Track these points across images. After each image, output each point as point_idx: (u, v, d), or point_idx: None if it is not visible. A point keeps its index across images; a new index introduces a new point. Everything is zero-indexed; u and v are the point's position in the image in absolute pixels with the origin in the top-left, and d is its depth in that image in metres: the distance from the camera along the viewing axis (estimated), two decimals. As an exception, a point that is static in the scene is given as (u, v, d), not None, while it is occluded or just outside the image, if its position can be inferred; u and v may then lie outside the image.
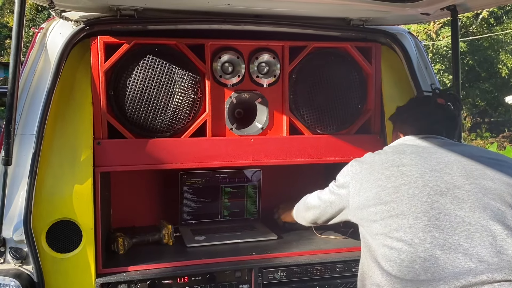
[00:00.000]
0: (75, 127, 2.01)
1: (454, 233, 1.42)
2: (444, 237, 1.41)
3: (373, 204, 1.56)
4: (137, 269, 2.07)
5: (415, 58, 2.39)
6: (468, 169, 1.55)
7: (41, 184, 1.94)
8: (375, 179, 1.59)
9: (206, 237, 2.45)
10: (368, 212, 1.58)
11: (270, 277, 2.18)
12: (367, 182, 1.62)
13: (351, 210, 1.69)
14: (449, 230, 1.42)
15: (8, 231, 1.87)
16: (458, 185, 1.50)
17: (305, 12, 2.20)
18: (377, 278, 1.51)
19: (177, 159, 2.15)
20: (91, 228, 1.98)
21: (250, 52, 2.26)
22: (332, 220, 1.88)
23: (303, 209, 2.06)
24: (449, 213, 1.45)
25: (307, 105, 2.32)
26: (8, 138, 1.76)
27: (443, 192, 1.49)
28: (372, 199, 1.57)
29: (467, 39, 15.93)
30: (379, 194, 1.55)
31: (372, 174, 1.62)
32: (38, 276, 1.88)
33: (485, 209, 1.45)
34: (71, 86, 2.05)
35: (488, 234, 1.40)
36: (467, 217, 1.44)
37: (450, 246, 1.40)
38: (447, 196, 1.48)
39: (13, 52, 1.72)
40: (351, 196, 1.68)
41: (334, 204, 1.80)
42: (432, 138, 1.76)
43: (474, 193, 1.48)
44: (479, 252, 1.38)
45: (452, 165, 1.57)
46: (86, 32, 2.02)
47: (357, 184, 1.66)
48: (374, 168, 1.63)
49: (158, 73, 2.11)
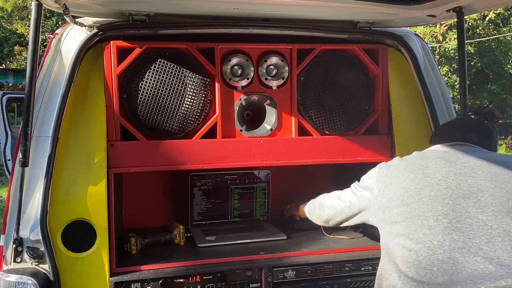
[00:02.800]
0: (89, 129, 2.06)
1: (475, 236, 1.40)
2: (464, 240, 1.40)
3: (396, 206, 1.55)
4: (150, 268, 2.11)
5: (422, 59, 2.42)
6: (494, 173, 1.52)
7: (56, 185, 1.98)
8: (400, 182, 1.59)
9: (217, 237, 2.49)
10: (390, 213, 1.57)
11: (280, 276, 2.21)
12: (392, 184, 1.61)
13: (372, 211, 1.68)
14: (469, 233, 1.40)
15: (25, 231, 1.92)
16: (482, 189, 1.48)
17: (312, 15, 2.24)
18: (394, 280, 1.51)
19: (188, 160, 2.19)
20: (105, 228, 2.02)
21: (259, 55, 2.30)
22: (347, 221, 1.88)
23: (318, 207, 2.08)
24: (471, 216, 1.43)
25: (315, 106, 2.36)
26: (25, 141, 1.82)
27: (466, 195, 1.47)
28: (395, 200, 1.56)
29: (474, 41, 15.86)
30: (402, 196, 1.54)
31: (397, 176, 1.62)
32: (54, 275, 1.92)
33: (509, 214, 1.42)
34: (85, 90, 2.10)
35: (510, 239, 1.38)
36: (489, 221, 1.42)
37: (470, 249, 1.38)
38: (470, 199, 1.46)
39: (30, 57, 1.78)
40: (374, 197, 1.67)
41: (353, 205, 1.80)
42: (461, 145, 1.73)
43: (498, 197, 1.45)
44: (500, 257, 1.36)
45: (477, 169, 1.54)
46: (99, 37, 2.08)
47: (382, 186, 1.65)
48: (399, 171, 1.63)
49: (169, 77, 2.16)
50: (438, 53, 15.59)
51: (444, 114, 2.43)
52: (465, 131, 1.81)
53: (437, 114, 2.38)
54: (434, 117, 2.37)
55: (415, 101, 2.44)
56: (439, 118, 2.38)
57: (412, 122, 2.43)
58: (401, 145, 2.38)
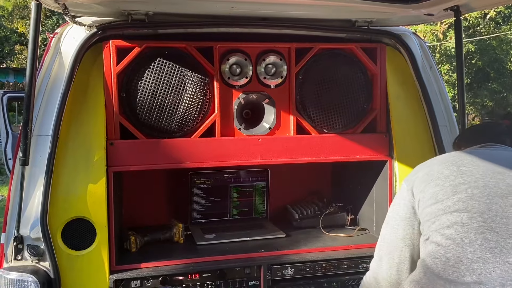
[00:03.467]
0: (88, 128, 2.08)
1: (509, 236, 1.34)
2: (497, 240, 1.34)
3: (429, 204, 1.49)
4: (150, 266, 2.13)
5: (420, 58, 2.42)
6: None
7: (56, 184, 2.00)
8: (434, 179, 1.51)
9: (216, 235, 2.50)
10: (425, 212, 1.50)
11: (279, 274, 2.22)
12: (424, 182, 1.53)
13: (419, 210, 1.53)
14: (503, 233, 1.35)
15: (25, 229, 1.94)
16: None
17: (310, 14, 2.25)
18: (418, 275, 1.43)
19: (187, 159, 2.20)
20: (105, 226, 2.04)
21: (257, 54, 2.31)
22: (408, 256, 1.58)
23: (373, 280, 1.67)
24: (507, 216, 1.37)
25: (314, 105, 2.37)
26: (25, 139, 1.83)
27: (503, 195, 1.41)
28: (429, 199, 1.49)
29: (475, 39, 15.85)
30: (436, 193, 1.48)
31: (430, 175, 1.54)
32: (54, 273, 1.94)
33: None
34: (84, 89, 2.11)
35: None
36: None
37: (502, 249, 1.32)
38: (508, 199, 1.40)
39: (30, 56, 1.79)
40: (415, 195, 1.54)
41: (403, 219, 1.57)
42: (494, 146, 1.67)
43: None
44: None
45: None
46: (99, 36, 2.09)
47: (420, 184, 1.54)
48: (432, 169, 1.56)
49: (168, 76, 2.17)
50: (439, 51, 15.57)
51: (442, 113, 2.44)
52: (496, 134, 1.75)
53: (435, 113, 2.39)
54: (432, 115, 2.38)
55: (413, 100, 2.45)
56: (437, 116, 2.39)
57: (410, 121, 2.44)
58: (399, 144, 2.39)
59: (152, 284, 2.09)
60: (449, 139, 2.41)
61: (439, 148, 2.36)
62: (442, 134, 2.38)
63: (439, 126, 2.38)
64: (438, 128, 2.38)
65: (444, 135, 2.39)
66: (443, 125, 2.42)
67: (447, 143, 2.38)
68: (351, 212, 2.71)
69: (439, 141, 2.37)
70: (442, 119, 2.43)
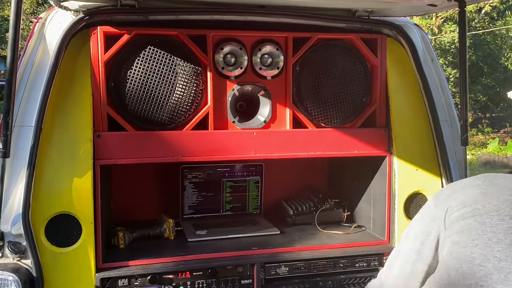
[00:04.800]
0: (74, 119, 1.98)
1: None
2: None
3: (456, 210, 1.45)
4: (138, 263, 2.05)
5: (421, 50, 2.35)
6: None
7: (40, 177, 1.90)
8: (462, 188, 1.50)
9: (208, 231, 2.43)
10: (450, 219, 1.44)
11: (273, 272, 2.16)
12: (455, 193, 1.49)
13: None
14: None
15: (6, 225, 1.85)
16: None
17: (309, 2, 2.16)
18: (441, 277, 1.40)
19: (179, 153, 2.12)
20: (91, 222, 1.95)
21: (253, 44, 2.22)
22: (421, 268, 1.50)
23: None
24: None
25: (311, 98, 2.28)
26: (6, 130, 1.72)
27: None
28: (456, 206, 1.45)
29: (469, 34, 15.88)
30: (463, 202, 1.45)
31: (460, 185, 1.52)
32: (37, 271, 1.85)
33: None
34: (70, 78, 2.01)
35: None
36: None
37: None
38: None
39: (11, 42, 1.68)
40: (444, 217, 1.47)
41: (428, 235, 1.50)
42: None
43: None
44: None
45: None
46: (86, 22, 1.99)
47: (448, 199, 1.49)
48: (460, 182, 1.55)
49: (159, 65, 2.07)
50: (434, 45, 15.58)
51: (443, 107, 2.38)
52: None
53: (436, 107, 2.32)
54: (433, 110, 2.31)
55: (414, 93, 2.37)
56: (438, 110, 2.32)
57: (410, 115, 2.37)
58: (398, 139, 2.32)
59: (140, 283, 2.01)
60: (450, 135, 2.35)
61: (440, 143, 2.30)
62: (442, 129, 2.31)
63: (440, 121, 2.31)
64: (439, 123, 2.31)
65: (445, 130, 2.33)
66: (444, 120, 2.36)
67: (447, 138, 2.32)
68: (348, 208, 2.65)
69: (440, 136, 2.30)
70: (443, 113, 2.36)
